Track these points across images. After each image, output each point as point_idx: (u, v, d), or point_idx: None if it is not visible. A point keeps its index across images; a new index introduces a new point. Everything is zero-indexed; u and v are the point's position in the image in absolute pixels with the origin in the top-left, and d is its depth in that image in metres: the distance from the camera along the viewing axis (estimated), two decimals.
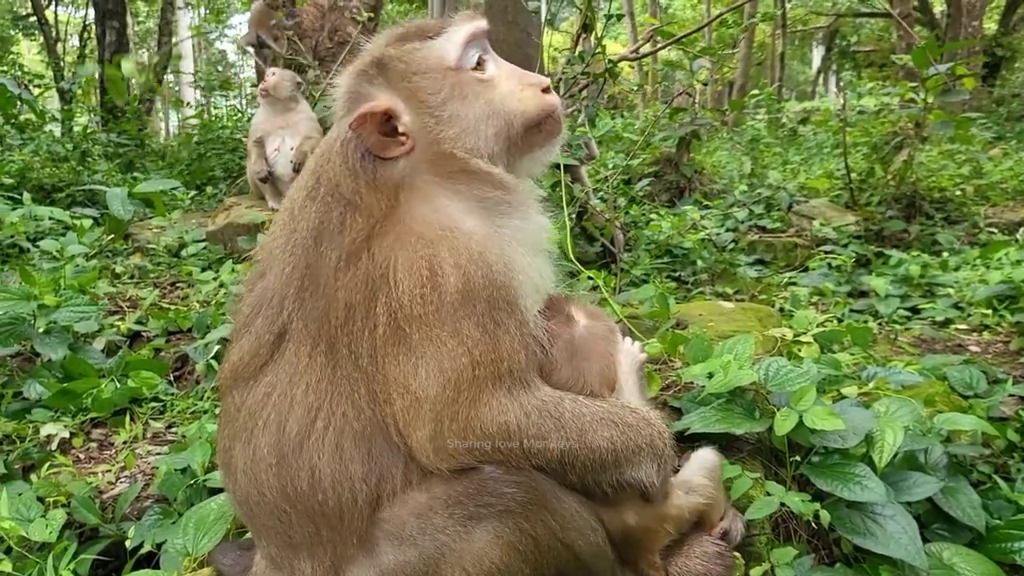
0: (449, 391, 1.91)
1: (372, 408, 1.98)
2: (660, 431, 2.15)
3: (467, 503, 1.90)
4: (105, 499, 3.40)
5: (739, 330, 3.94)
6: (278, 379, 2.06)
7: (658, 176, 9.82)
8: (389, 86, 2.11)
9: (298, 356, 2.04)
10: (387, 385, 1.96)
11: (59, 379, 4.19)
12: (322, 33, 10.86)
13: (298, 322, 2.05)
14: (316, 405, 2.00)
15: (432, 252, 1.94)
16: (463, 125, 2.11)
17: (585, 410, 2.05)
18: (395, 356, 1.94)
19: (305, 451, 1.99)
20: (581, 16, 5.53)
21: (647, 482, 2.11)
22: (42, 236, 6.66)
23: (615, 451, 2.05)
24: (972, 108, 14.93)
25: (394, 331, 1.94)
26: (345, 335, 1.99)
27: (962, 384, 3.81)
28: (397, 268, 1.94)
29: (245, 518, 2.21)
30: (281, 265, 2.11)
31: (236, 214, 7.56)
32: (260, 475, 2.04)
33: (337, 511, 1.97)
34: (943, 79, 7.19)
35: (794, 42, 38.83)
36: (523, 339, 2.01)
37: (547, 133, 2.23)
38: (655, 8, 31.59)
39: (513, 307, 1.99)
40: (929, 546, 2.58)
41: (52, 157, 10.04)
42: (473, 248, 1.97)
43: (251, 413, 2.08)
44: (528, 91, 2.17)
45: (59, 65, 21.00)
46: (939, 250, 7.21)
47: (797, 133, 16.00)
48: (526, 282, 2.08)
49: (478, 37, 2.17)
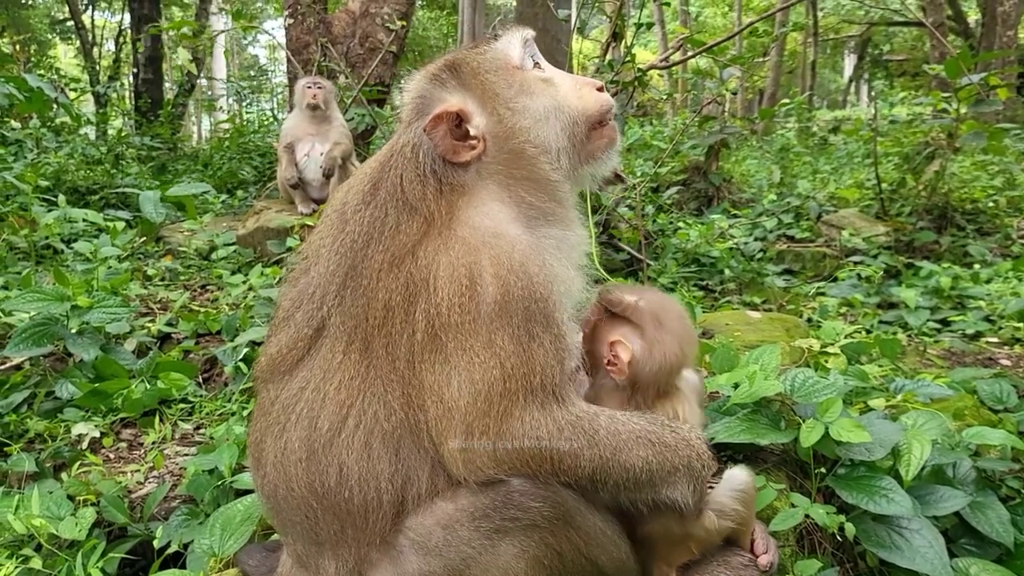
0: (480, 403, 1.90)
1: (405, 411, 1.98)
2: (699, 452, 2.09)
3: (493, 516, 1.90)
4: (134, 499, 3.44)
5: (766, 340, 3.92)
6: (312, 374, 2.07)
7: (686, 185, 9.79)
8: (461, 87, 2.15)
9: (333, 352, 2.05)
10: (422, 391, 1.96)
11: (90, 379, 4.25)
12: (353, 39, 10.92)
13: (336, 318, 2.06)
14: (348, 402, 2.01)
15: (474, 259, 1.94)
16: (535, 116, 2.15)
17: (621, 427, 2.01)
18: (431, 363, 1.95)
19: (335, 447, 2.00)
20: (611, 24, 5.53)
21: (682, 502, 2.07)
22: (76, 238, 6.77)
23: (650, 471, 2.01)
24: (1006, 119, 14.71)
25: (432, 338, 1.94)
26: (383, 336, 1.99)
27: (992, 398, 3.76)
28: (439, 273, 1.94)
29: (272, 513, 2.22)
30: (326, 263, 2.13)
31: (266, 218, 7.63)
32: (289, 469, 2.05)
33: (363, 510, 1.98)
34: (976, 89, 7.11)
35: (826, 51, 38.52)
36: (558, 353, 1.98)
37: (608, 139, 2.25)
38: (686, 17, 31.48)
39: (549, 320, 1.97)
40: (956, 561, 2.55)
41: (87, 160, 10.22)
42: (515, 258, 1.96)
43: (284, 407, 2.10)
44: (586, 89, 2.22)
45: (95, 69, 21.34)
46: (970, 262, 7.13)
47: (828, 142, 15.87)
48: (565, 294, 2.07)
49: (529, 42, 2.24)
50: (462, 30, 12.24)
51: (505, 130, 2.12)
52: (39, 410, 4.08)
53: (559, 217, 2.19)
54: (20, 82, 7.64)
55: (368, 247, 2.06)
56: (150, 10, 17.13)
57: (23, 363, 4.48)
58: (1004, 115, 14.32)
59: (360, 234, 2.09)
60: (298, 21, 10.82)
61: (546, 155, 2.14)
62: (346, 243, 2.10)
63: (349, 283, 2.06)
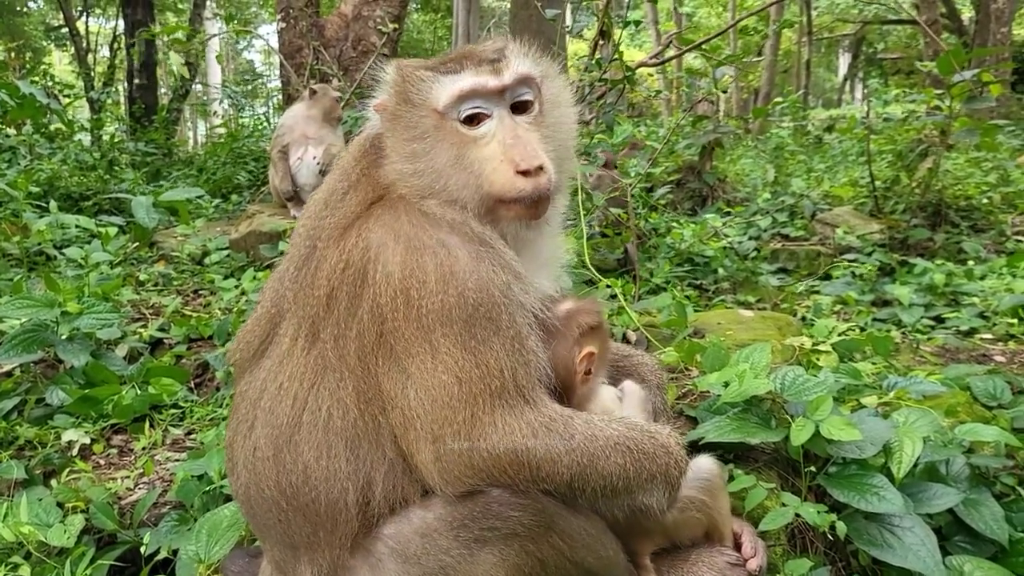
0: (443, 411, 1.88)
1: (360, 409, 1.97)
2: (677, 460, 2.06)
3: (472, 526, 1.88)
4: (124, 505, 3.42)
5: (757, 339, 3.91)
6: (271, 362, 2.10)
7: (680, 184, 9.78)
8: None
9: (286, 337, 2.08)
10: (380, 395, 1.95)
11: (81, 385, 4.23)
12: (346, 43, 10.94)
13: (289, 294, 2.10)
14: (302, 396, 2.01)
15: (415, 262, 1.93)
16: (421, 167, 2.09)
17: (598, 432, 1.98)
18: (386, 369, 1.94)
19: (294, 444, 2.00)
20: (599, 23, 5.52)
21: (656, 508, 2.05)
22: (69, 244, 6.75)
23: (627, 478, 1.98)
24: (1001, 115, 14.75)
25: (379, 339, 1.94)
26: (330, 325, 2.01)
27: (986, 394, 3.75)
28: (378, 268, 1.94)
29: (248, 517, 2.22)
30: (297, 234, 2.19)
31: (258, 222, 7.62)
32: (259, 468, 2.05)
33: (330, 511, 1.97)
34: (969, 86, 7.11)
35: (820, 49, 38.58)
36: (516, 355, 1.94)
37: (515, 216, 2.11)
38: (679, 17, 31.50)
39: (498, 323, 1.93)
40: (950, 559, 2.54)
41: (80, 166, 10.19)
42: (447, 264, 1.93)
43: (251, 402, 2.10)
44: (504, 166, 2.05)
45: (89, 75, 21.33)
46: (964, 259, 7.12)
47: (822, 141, 15.87)
48: (518, 295, 2.01)
49: (481, 95, 2.10)
50: (456, 33, 12.23)
51: (401, 158, 2.12)
52: (29, 417, 4.06)
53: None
54: (12, 89, 7.64)
55: (323, 210, 2.13)
56: (144, 16, 17.14)
57: (13, 370, 4.45)
58: (998, 112, 14.35)
59: (319, 198, 2.18)
60: (291, 25, 10.85)
61: (437, 199, 2.09)
62: (310, 209, 2.18)
63: (305, 253, 2.11)
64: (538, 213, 2.10)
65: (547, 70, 2.22)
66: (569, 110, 2.29)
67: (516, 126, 2.09)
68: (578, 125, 2.24)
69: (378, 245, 1.96)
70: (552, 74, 2.24)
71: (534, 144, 2.06)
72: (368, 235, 1.99)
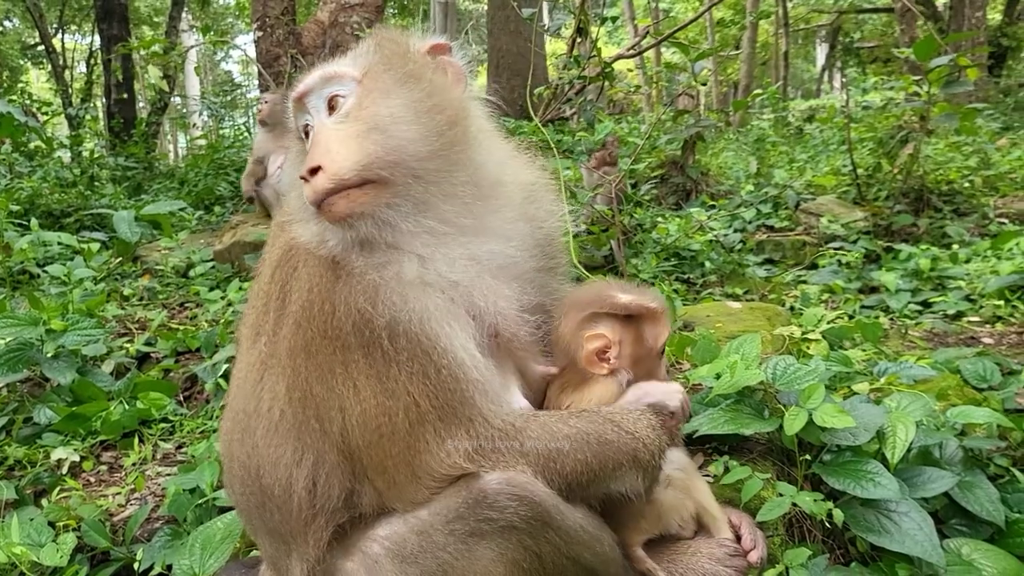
0: (380, 442, 1.88)
1: (292, 408, 1.98)
2: (645, 443, 2.01)
3: (468, 517, 1.85)
4: (116, 522, 3.39)
5: (747, 330, 3.91)
6: (242, 350, 2.17)
7: (664, 179, 9.79)
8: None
9: (245, 326, 2.15)
10: (314, 400, 1.95)
11: (68, 403, 4.19)
12: (324, 50, 10.88)
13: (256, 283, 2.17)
14: (254, 388, 2.06)
15: (322, 289, 1.93)
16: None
17: (555, 432, 1.95)
18: (316, 376, 1.94)
19: (251, 430, 2.05)
20: (575, 20, 5.52)
21: (632, 492, 2.03)
22: (51, 261, 6.69)
23: (591, 471, 1.96)
24: (978, 99, 14.87)
25: (305, 347, 1.95)
26: (268, 323, 2.06)
27: (976, 377, 3.76)
28: (295, 295, 1.98)
29: (241, 514, 2.25)
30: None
31: (242, 232, 7.57)
32: (233, 450, 2.11)
33: (283, 496, 1.99)
34: (946, 71, 7.14)
35: (797, 40, 38.75)
36: (428, 376, 1.87)
37: (329, 221, 1.93)
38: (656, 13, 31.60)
39: (384, 350, 1.87)
40: (947, 542, 2.54)
41: (60, 183, 10.13)
42: (341, 289, 1.90)
43: (234, 395, 2.17)
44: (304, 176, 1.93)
45: (67, 92, 21.22)
46: (949, 243, 7.16)
47: (803, 131, 15.94)
48: (428, 314, 1.90)
49: (297, 107, 2.09)
50: None
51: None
52: (17, 436, 4.02)
53: (446, 228, 2.00)
54: None
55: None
56: (120, 30, 17.07)
57: (0, 389, 4.41)
58: (975, 95, 14.45)
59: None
60: (267, 34, 10.79)
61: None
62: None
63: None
64: (337, 215, 1.89)
65: (373, 61, 2.03)
66: (406, 91, 1.98)
67: (321, 129, 1.98)
68: (442, 102, 1.97)
69: (297, 274, 2.02)
70: (384, 63, 2.03)
71: (323, 144, 1.92)
72: (291, 263, 2.06)
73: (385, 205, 1.91)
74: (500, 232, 2.10)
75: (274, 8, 10.66)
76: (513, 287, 2.07)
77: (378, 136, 1.90)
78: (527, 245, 2.16)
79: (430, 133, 1.93)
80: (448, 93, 2.03)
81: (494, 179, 2.11)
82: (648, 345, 2.30)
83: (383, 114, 1.92)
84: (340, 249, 1.94)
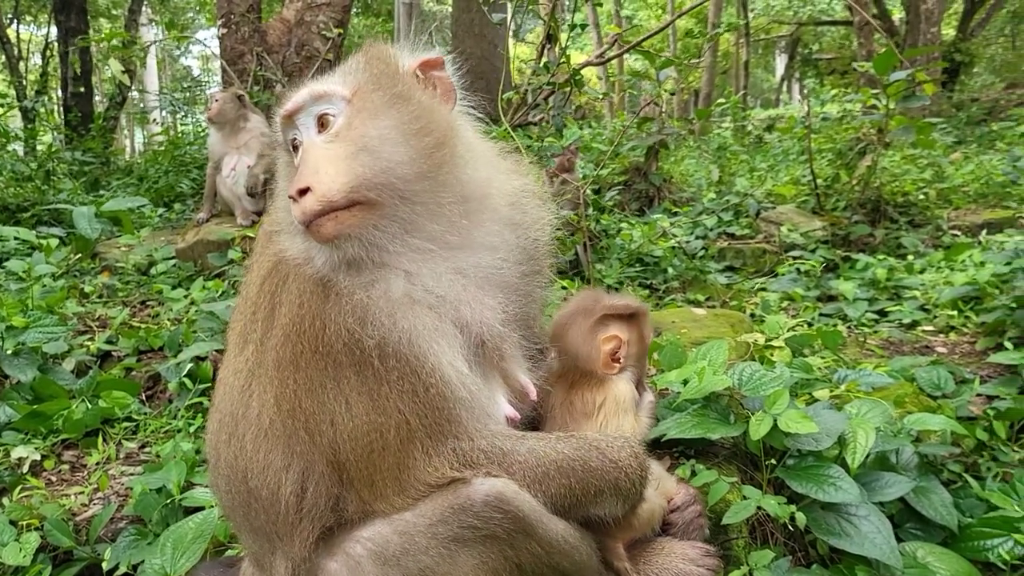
0: (370, 457, 1.91)
1: (281, 418, 1.99)
2: (628, 472, 2.06)
3: (451, 521, 1.87)
4: (79, 521, 3.35)
5: (712, 336, 3.97)
6: (230, 353, 2.17)
7: (627, 185, 9.86)
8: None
9: (234, 331, 2.16)
10: (303, 412, 1.96)
11: (29, 401, 4.13)
12: (289, 48, 10.81)
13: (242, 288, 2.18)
14: (241, 393, 2.07)
15: (312, 305, 1.94)
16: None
17: (542, 457, 1.98)
18: (305, 389, 1.95)
19: (240, 434, 2.05)
20: (545, 27, 5.56)
21: (611, 517, 2.09)
22: (8, 257, 6.58)
23: (574, 496, 2.00)
24: (933, 113, 15.19)
25: (293, 360, 1.96)
26: (256, 331, 2.07)
27: (930, 385, 3.87)
28: (283, 300, 2.00)
29: (227, 514, 2.25)
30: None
31: (206, 231, 7.51)
32: (220, 450, 2.11)
33: (271, 499, 2.00)
34: (904, 85, 7.30)
35: (758, 51, 39.27)
36: (417, 394, 1.89)
37: (317, 241, 1.93)
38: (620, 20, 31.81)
39: (374, 368, 1.89)
40: (903, 545, 2.61)
41: (16, 177, 9.93)
42: (331, 308, 1.91)
43: (222, 397, 2.16)
44: (291, 194, 1.92)
45: (22, 84, 20.77)
46: (904, 253, 7.30)
47: (763, 140, 16.15)
48: (416, 333, 1.91)
49: (285, 124, 2.08)
50: (398, 37, 12.20)
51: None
52: None
53: (436, 245, 2.01)
54: None
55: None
56: (78, 22, 16.76)
57: None
58: (931, 110, 14.76)
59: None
60: (232, 31, 10.68)
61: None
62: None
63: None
64: (325, 236, 1.89)
65: (362, 80, 2.02)
66: (395, 112, 1.97)
67: (311, 147, 1.97)
68: (422, 123, 1.96)
69: (285, 288, 2.03)
70: (374, 83, 2.02)
71: (312, 164, 1.91)
72: (281, 274, 2.07)
73: (373, 226, 1.92)
74: (486, 243, 2.11)
75: (239, 5, 10.56)
76: (498, 297, 2.10)
77: (366, 158, 1.90)
78: (513, 253, 2.18)
79: (418, 155, 1.93)
80: (436, 114, 2.03)
81: (481, 194, 2.12)
82: (645, 343, 2.49)
83: (372, 135, 1.92)
84: (328, 268, 1.95)
